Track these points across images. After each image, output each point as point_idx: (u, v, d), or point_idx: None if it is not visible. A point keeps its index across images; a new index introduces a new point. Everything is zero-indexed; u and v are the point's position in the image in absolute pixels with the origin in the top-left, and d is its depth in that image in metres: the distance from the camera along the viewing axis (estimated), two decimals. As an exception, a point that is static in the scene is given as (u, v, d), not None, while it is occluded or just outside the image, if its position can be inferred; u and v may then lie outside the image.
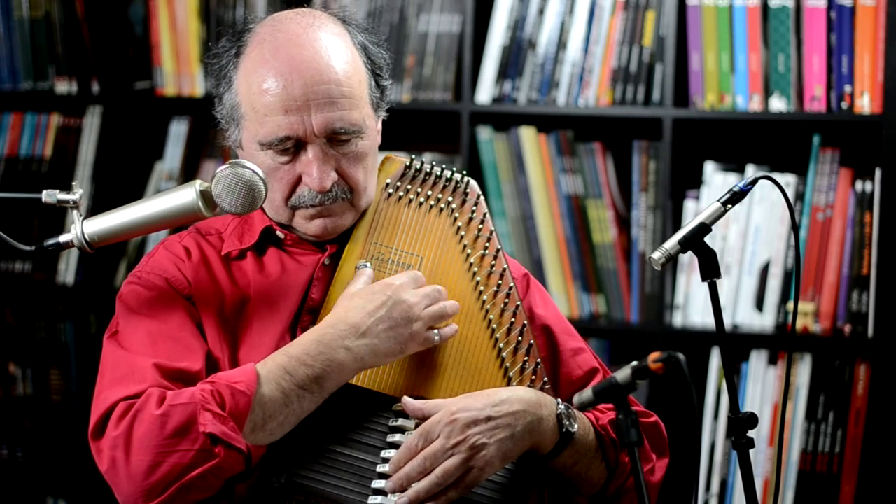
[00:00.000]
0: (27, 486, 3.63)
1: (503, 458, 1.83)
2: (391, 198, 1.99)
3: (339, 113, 1.88)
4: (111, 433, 1.73)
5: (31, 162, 3.60)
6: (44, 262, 3.55)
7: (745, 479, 1.95)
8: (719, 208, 1.98)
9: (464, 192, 2.02)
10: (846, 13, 2.92)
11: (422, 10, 3.30)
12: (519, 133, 3.22)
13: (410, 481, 1.80)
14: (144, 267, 1.93)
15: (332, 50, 1.90)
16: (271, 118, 1.87)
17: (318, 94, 1.87)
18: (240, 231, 1.98)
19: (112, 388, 1.77)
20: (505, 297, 1.98)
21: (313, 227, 1.93)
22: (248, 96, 1.90)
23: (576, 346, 2.06)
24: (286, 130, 1.87)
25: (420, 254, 1.97)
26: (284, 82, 1.87)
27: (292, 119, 1.87)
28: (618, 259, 3.16)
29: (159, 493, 1.70)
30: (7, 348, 3.60)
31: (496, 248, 2.00)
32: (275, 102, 1.87)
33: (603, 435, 1.93)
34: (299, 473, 1.80)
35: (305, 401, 1.78)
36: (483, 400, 1.84)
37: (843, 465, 2.92)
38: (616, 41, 3.12)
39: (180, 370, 1.80)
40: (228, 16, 3.45)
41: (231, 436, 1.71)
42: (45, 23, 3.58)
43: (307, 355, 1.79)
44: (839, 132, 3.02)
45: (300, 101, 1.86)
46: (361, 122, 1.91)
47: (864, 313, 2.93)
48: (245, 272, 1.94)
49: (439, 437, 1.80)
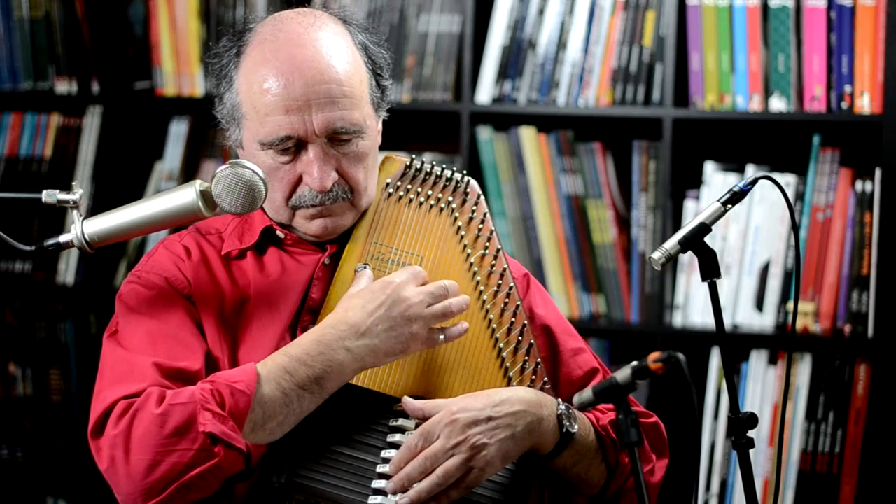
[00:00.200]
0: (27, 486, 3.63)
1: (503, 458, 1.83)
2: (391, 197, 1.99)
3: (339, 113, 1.88)
4: (110, 432, 1.73)
5: (31, 162, 3.60)
6: (44, 262, 3.55)
7: (745, 479, 1.95)
8: (719, 208, 1.98)
9: (464, 191, 2.01)
10: (846, 13, 2.92)
11: (422, 10, 3.30)
12: (519, 133, 3.22)
13: (411, 481, 1.79)
14: (144, 266, 1.93)
15: (333, 49, 1.90)
16: (272, 118, 1.87)
17: (318, 94, 1.87)
18: (240, 231, 1.98)
19: (111, 388, 1.77)
20: (505, 297, 1.97)
21: (314, 226, 1.93)
22: (249, 96, 1.90)
23: (576, 346, 2.06)
24: (287, 130, 1.87)
25: (420, 253, 1.97)
26: (285, 82, 1.87)
27: (293, 119, 1.87)
28: (618, 259, 3.16)
29: (159, 493, 1.70)
30: (7, 348, 3.60)
31: (496, 247, 2.00)
32: (275, 102, 1.87)
33: (603, 435, 1.93)
34: (299, 473, 1.80)
35: (305, 401, 1.78)
36: (483, 400, 1.84)
37: (843, 465, 2.92)
38: (616, 41, 3.12)
39: (180, 369, 1.80)
40: (228, 16, 3.45)
41: (231, 435, 1.71)
42: (45, 23, 3.58)
43: (307, 355, 1.78)
44: (839, 132, 3.02)
45: (301, 101, 1.86)
46: (362, 121, 1.90)
47: (864, 313, 2.93)
48: (245, 272, 1.94)
49: (440, 437, 1.80)
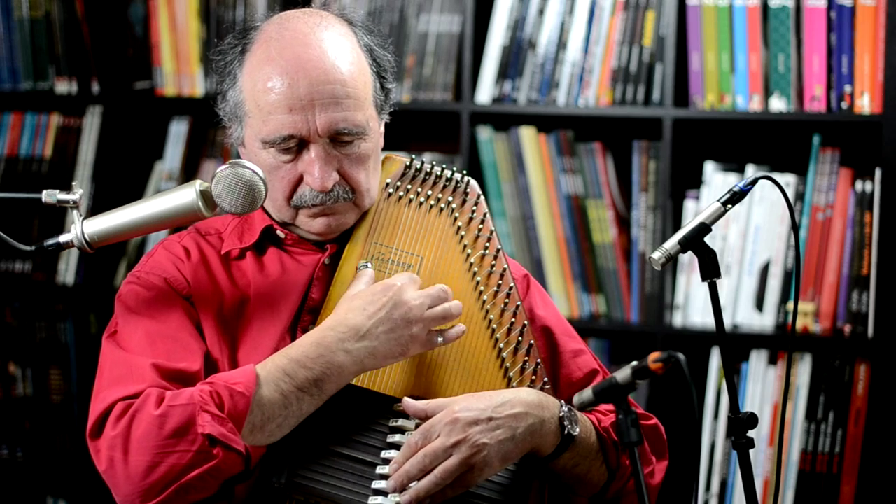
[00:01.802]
0: (27, 486, 3.63)
1: (503, 459, 1.83)
2: (391, 197, 1.99)
3: (343, 113, 1.87)
4: (109, 433, 1.72)
5: (31, 162, 3.60)
6: (44, 262, 3.55)
7: (745, 479, 1.95)
8: (719, 208, 1.98)
9: (464, 191, 2.01)
10: (846, 13, 2.92)
11: (422, 10, 3.30)
12: (519, 133, 3.22)
13: (410, 479, 1.79)
14: (144, 267, 1.93)
15: (339, 50, 1.90)
16: (275, 116, 1.87)
17: (322, 94, 1.87)
18: (240, 230, 1.97)
19: (110, 388, 1.77)
20: (505, 298, 1.97)
21: (317, 225, 1.93)
22: (253, 94, 1.90)
23: (576, 347, 2.06)
24: (290, 129, 1.87)
25: (420, 253, 1.97)
26: (290, 81, 1.86)
27: (296, 118, 1.86)
28: (618, 259, 3.16)
29: (157, 494, 1.70)
30: (7, 348, 3.60)
31: (496, 248, 2.00)
32: (279, 101, 1.87)
33: (605, 437, 1.93)
34: (299, 473, 1.80)
35: (304, 403, 1.78)
36: (485, 400, 1.84)
37: (843, 465, 2.92)
38: (616, 41, 3.12)
39: (179, 370, 1.80)
40: (228, 16, 3.45)
41: (229, 437, 1.71)
42: (45, 23, 3.58)
43: (307, 357, 1.78)
44: (839, 132, 3.02)
45: (305, 101, 1.86)
46: (365, 123, 1.90)
47: (864, 313, 2.93)
48: (244, 272, 1.94)
49: (440, 435, 1.80)
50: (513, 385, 1.94)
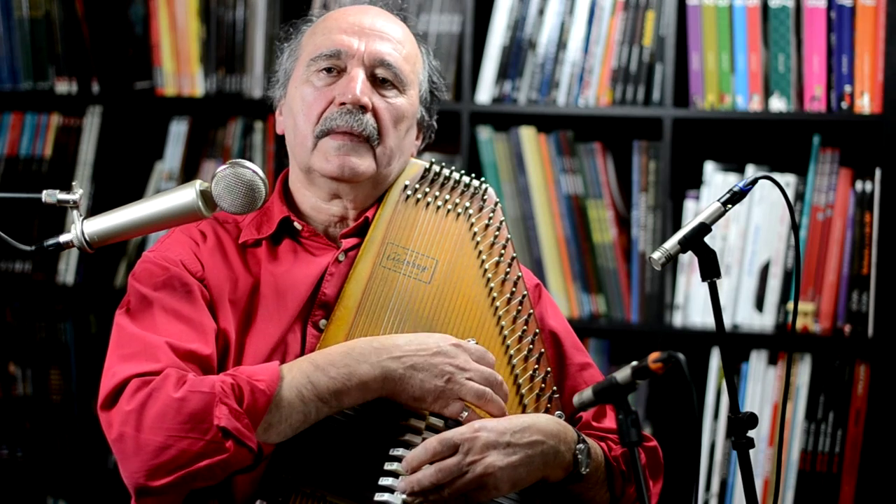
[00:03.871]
0: (27, 486, 3.63)
1: (514, 484, 1.83)
2: (409, 200, 2.00)
3: (391, 52, 1.98)
4: (124, 407, 1.72)
5: (31, 162, 3.60)
6: (44, 262, 3.55)
7: (745, 479, 1.95)
8: (719, 208, 1.98)
9: (482, 198, 2.03)
10: (846, 13, 2.92)
11: (422, 10, 3.30)
12: (519, 133, 3.22)
13: (421, 487, 1.79)
14: (159, 248, 1.94)
15: (395, 25, 2.03)
16: (328, 36, 1.98)
17: (375, 29, 1.99)
18: (258, 221, 2.00)
19: (125, 363, 1.77)
20: (518, 305, 1.98)
21: (331, 165, 1.95)
22: (311, 37, 2.01)
23: (583, 361, 2.07)
24: (339, 45, 1.96)
25: (436, 256, 1.97)
26: (349, 14, 2.00)
27: (348, 39, 1.97)
28: (618, 259, 3.16)
29: (164, 475, 1.70)
30: (7, 348, 3.60)
31: (511, 255, 2.00)
32: (335, 25, 1.99)
33: (614, 466, 1.94)
34: (307, 466, 1.80)
35: (322, 412, 1.78)
36: (505, 423, 1.84)
37: (843, 465, 2.92)
38: (616, 41, 3.12)
39: (191, 351, 1.80)
40: (228, 16, 3.45)
41: (243, 433, 1.71)
42: (45, 23, 3.58)
43: (332, 366, 1.78)
44: (839, 132, 3.02)
45: (357, 28, 1.98)
46: (406, 80, 1.99)
47: (864, 313, 2.93)
48: (259, 259, 1.95)
49: (457, 453, 1.80)
50: (522, 392, 1.95)
